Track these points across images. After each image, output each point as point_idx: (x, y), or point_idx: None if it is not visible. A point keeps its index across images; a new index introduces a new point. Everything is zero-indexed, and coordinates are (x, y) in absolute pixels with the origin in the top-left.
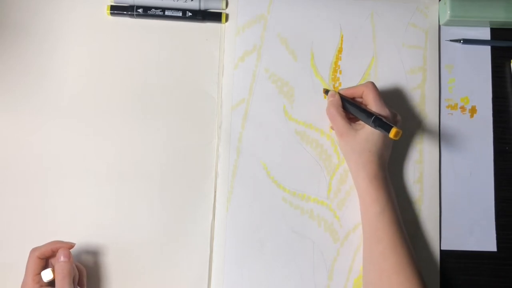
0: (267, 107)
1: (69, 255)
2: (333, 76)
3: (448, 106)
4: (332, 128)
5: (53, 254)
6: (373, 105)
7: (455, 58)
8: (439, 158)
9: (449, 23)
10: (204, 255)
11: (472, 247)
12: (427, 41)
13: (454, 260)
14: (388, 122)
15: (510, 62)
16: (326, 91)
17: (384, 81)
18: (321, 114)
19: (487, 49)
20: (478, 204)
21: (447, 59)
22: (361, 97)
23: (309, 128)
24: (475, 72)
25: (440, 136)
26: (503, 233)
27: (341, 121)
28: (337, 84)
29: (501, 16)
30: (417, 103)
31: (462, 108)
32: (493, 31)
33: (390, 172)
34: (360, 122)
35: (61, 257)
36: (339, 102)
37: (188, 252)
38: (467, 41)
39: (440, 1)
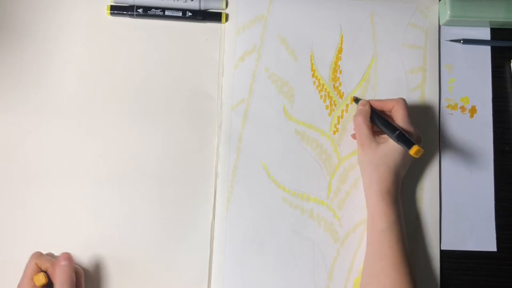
0: (267, 107)
1: (69, 258)
2: (333, 76)
3: (448, 106)
4: (354, 136)
5: (50, 269)
6: (401, 121)
7: (455, 58)
8: (439, 158)
9: (449, 23)
10: (204, 255)
11: (472, 247)
12: (427, 41)
13: (454, 260)
14: (412, 139)
15: (510, 62)
16: (356, 99)
17: (384, 81)
18: (321, 114)
19: (487, 49)
20: (478, 204)
21: (447, 59)
22: (390, 111)
23: (309, 128)
24: (475, 72)
25: (440, 136)
26: (503, 233)
27: (366, 131)
28: (337, 84)
29: (501, 16)
30: (417, 103)
31: (462, 108)
32: (493, 31)
33: None
34: (383, 136)
35: (62, 261)
36: (369, 113)
37: (188, 252)
38: (467, 41)
39: (440, 1)
